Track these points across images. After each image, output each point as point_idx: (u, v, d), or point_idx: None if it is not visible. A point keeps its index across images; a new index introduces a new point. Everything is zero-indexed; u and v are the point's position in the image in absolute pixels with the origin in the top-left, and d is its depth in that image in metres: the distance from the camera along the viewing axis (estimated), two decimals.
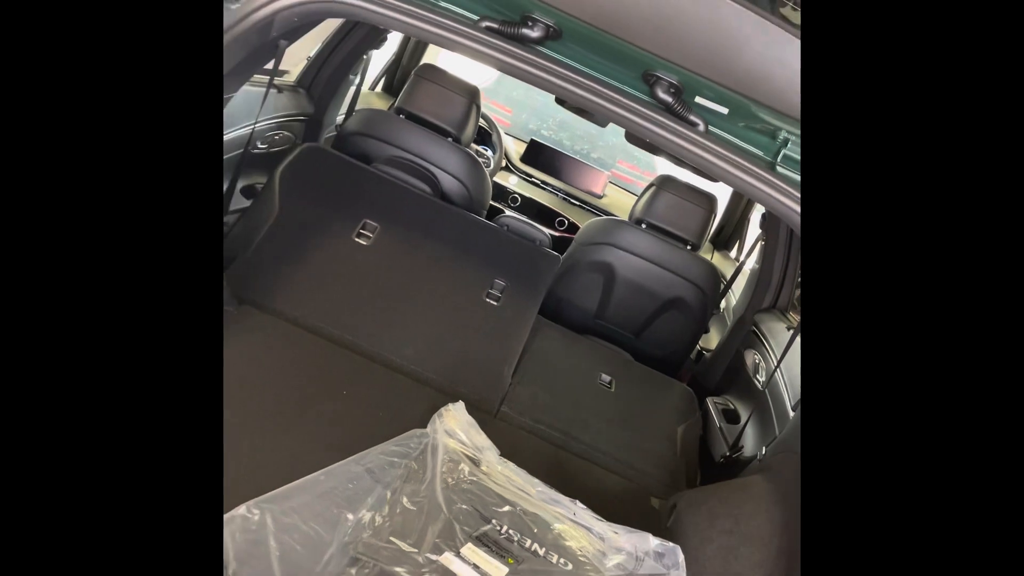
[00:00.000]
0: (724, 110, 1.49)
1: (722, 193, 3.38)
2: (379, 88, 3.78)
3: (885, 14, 0.84)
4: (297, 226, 2.16)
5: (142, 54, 0.88)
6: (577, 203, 3.89)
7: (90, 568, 0.75)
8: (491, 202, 3.37)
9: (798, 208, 1.43)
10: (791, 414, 1.94)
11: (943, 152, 0.81)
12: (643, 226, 2.72)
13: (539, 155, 3.96)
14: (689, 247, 2.71)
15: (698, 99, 1.51)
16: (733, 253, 3.99)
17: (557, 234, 3.59)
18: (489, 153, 3.79)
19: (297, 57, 2.74)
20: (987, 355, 0.77)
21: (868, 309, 0.82)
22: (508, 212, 3.57)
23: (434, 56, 3.84)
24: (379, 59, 3.48)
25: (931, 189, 0.81)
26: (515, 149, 4.03)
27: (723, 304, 3.28)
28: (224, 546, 1.22)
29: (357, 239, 2.23)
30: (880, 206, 0.82)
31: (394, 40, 3.36)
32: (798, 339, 2.09)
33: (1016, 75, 0.78)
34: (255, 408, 1.63)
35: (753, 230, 3.65)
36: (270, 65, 1.81)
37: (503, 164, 3.90)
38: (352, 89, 2.99)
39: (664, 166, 4.23)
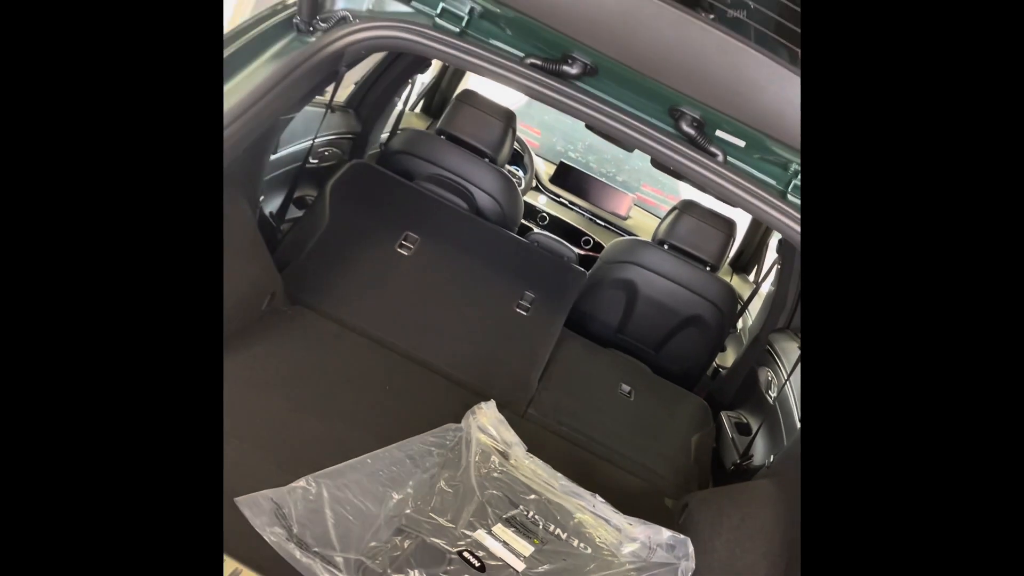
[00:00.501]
0: (741, 143, 1.66)
1: (742, 219, 3.53)
2: (418, 109, 3.99)
3: (877, 59, 0.96)
4: (345, 236, 2.35)
5: (152, 77, 0.92)
6: (602, 223, 4.06)
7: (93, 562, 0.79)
8: (521, 220, 3.55)
9: None
10: (798, 426, 2.08)
11: (934, 184, 0.92)
12: (665, 247, 2.87)
13: (567, 177, 4.14)
14: (709, 268, 2.86)
15: (718, 132, 1.67)
16: (752, 276, 4.13)
17: (582, 252, 3.76)
18: (521, 173, 3.98)
19: (347, 80, 2.94)
20: (974, 356, 0.87)
21: (861, 322, 0.92)
22: (537, 230, 3.75)
23: (467, 79, 4.05)
24: (419, 82, 3.69)
25: (923, 217, 0.92)
26: (545, 170, 4.22)
27: (740, 324, 3.42)
28: (288, 510, 1.39)
29: (399, 249, 2.42)
30: (872, 229, 0.95)
31: (435, 65, 3.57)
32: None
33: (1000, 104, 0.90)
34: (307, 396, 1.80)
35: (771, 255, 3.79)
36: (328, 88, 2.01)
37: (533, 184, 4.09)
38: (396, 110, 3.19)
39: (688, 191, 4.38)
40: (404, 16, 1.70)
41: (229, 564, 1.26)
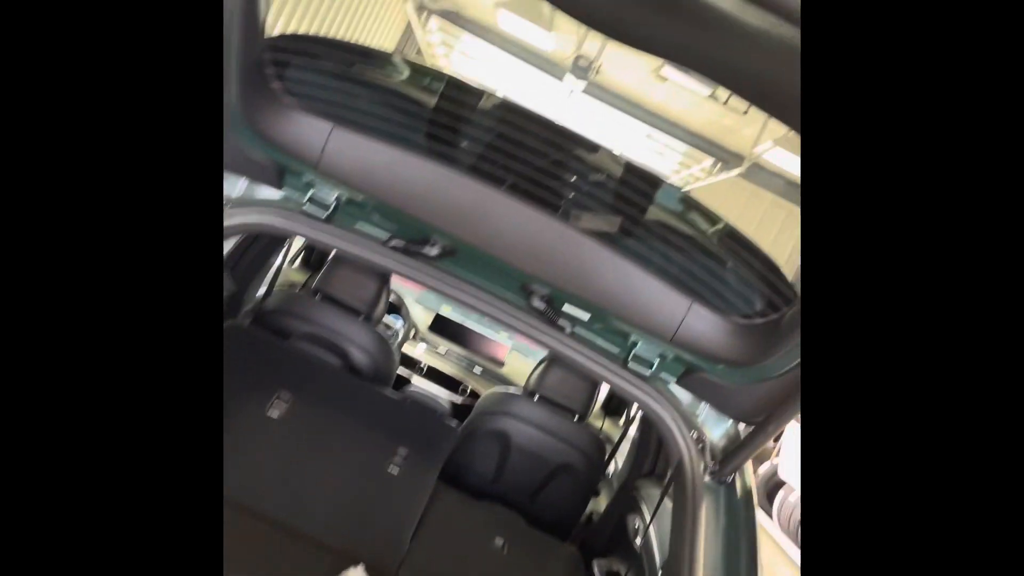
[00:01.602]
0: (585, 316, 1.85)
1: None
2: (297, 263, 4.08)
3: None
4: None
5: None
6: (480, 371, 4.19)
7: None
8: (399, 370, 3.63)
9: (644, 394, 1.78)
10: (659, 573, 2.18)
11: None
12: (536, 397, 3.01)
13: (445, 326, 4.30)
14: (577, 417, 3.01)
15: (565, 307, 1.86)
16: (622, 420, 4.32)
17: (460, 401, 3.85)
18: (398, 324, 4.09)
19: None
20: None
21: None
22: (415, 379, 3.82)
23: None
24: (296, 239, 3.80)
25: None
26: (423, 319, 4.36)
27: (611, 468, 3.56)
28: None
29: (270, 413, 2.43)
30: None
31: None
32: (665, 502, 2.38)
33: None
34: None
35: None
36: None
37: (412, 334, 4.20)
38: (273, 268, 3.26)
39: None
40: (274, 202, 1.83)
41: None
